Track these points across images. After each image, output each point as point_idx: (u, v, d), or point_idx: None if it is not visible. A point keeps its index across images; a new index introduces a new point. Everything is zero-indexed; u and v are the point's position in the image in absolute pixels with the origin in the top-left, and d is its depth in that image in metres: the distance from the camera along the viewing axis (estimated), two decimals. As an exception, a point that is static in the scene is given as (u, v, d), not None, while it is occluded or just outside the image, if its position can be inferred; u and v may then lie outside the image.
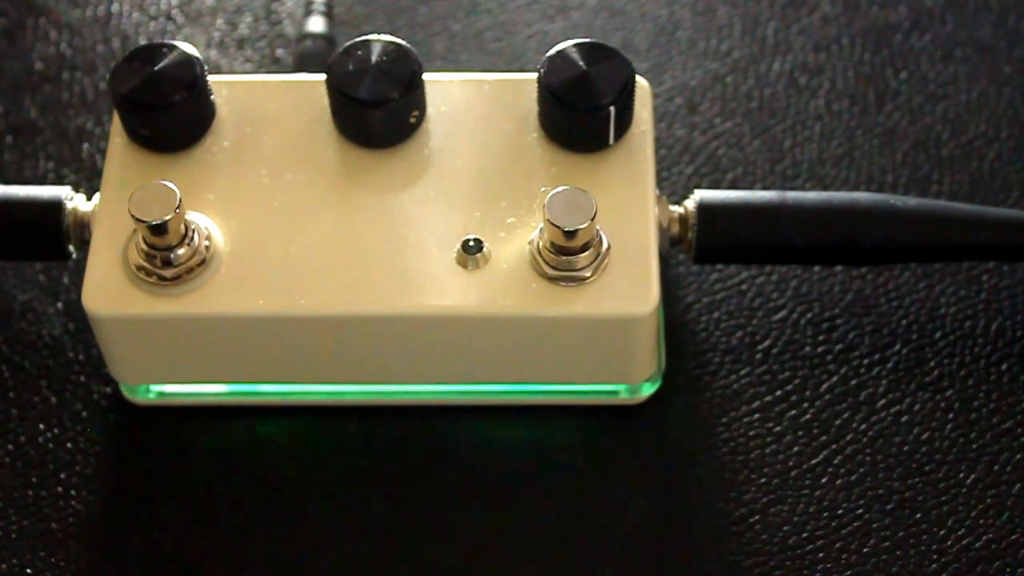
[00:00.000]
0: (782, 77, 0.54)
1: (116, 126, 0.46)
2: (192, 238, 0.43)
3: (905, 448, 0.46)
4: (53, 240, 0.46)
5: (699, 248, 0.46)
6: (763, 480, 0.46)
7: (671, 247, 0.46)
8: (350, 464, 0.46)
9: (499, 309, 0.43)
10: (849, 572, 0.44)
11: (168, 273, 0.43)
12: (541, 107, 0.45)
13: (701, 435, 0.46)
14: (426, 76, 0.46)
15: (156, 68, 0.45)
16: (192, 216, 0.44)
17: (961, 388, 0.47)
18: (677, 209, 0.46)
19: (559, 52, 0.45)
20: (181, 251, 0.43)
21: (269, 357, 0.45)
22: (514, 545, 0.45)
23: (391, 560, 0.44)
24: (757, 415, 0.47)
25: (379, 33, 0.46)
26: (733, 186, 0.51)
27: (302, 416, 0.47)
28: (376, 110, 0.45)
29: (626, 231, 0.44)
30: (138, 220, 0.42)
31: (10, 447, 0.47)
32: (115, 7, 0.56)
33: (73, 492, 0.46)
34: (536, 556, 0.45)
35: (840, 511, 0.45)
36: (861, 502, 0.45)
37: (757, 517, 0.45)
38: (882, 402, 0.47)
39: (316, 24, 0.53)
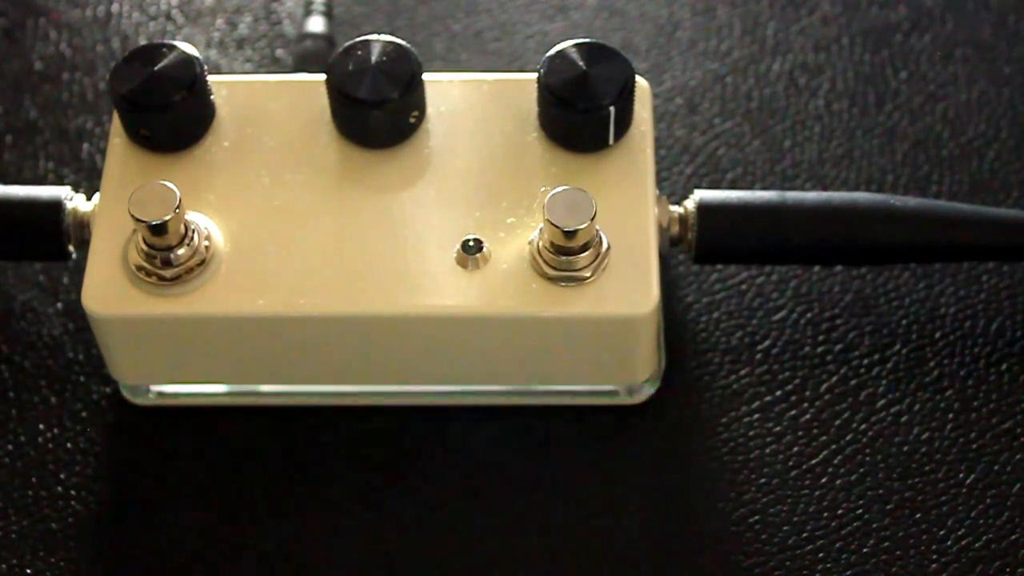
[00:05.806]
0: (782, 77, 0.54)
1: (116, 126, 0.46)
2: (192, 238, 0.43)
3: (905, 448, 0.46)
4: (53, 240, 0.46)
5: (699, 248, 0.46)
6: (763, 480, 0.46)
7: (671, 247, 0.46)
8: (350, 465, 0.46)
9: (499, 309, 0.43)
10: (849, 572, 0.44)
11: (168, 273, 0.43)
12: (541, 107, 0.45)
13: (701, 435, 0.46)
14: (426, 76, 0.46)
15: (156, 68, 0.45)
16: (192, 216, 0.44)
17: (961, 388, 0.47)
18: (677, 209, 0.46)
19: (559, 52, 0.45)
20: (181, 251, 0.43)
21: (269, 357, 0.45)
22: (514, 545, 0.45)
23: (391, 560, 0.44)
24: (757, 415, 0.47)
25: (379, 33, 0.46)
26: (733, 186, 0.51)
27: (302, 417, 0.47)
28: (376, 110, 0.45)
29: (626, 231, 0.44)
30: (138, 220, 0.42)
31: (10, 447, 0.47)
32: (115, 7, 0.56)
33: (73, 492, 0.46)
34: (536, 556, 0.44)
35: (840, 511, 0.45)
36: (861, 502, 0.45)
37: (757, 517, 0.45)
38: (882, 402, 0.47)
39: (316, 24, 0.53)
